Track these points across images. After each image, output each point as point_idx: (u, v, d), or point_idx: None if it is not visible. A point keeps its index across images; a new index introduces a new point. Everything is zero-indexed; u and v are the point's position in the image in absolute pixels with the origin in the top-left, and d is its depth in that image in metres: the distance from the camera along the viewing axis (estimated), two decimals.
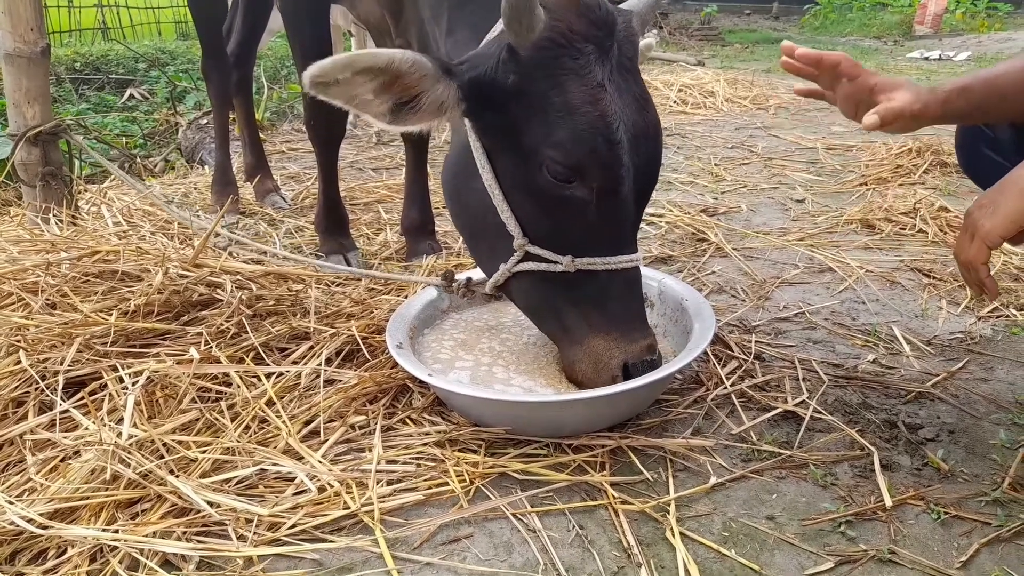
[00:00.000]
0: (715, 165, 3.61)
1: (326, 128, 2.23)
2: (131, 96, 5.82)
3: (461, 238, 2.54)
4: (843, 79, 1.39)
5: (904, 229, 2.62)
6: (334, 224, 2.37)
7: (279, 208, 3.00)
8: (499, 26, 1.37)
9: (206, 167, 3.78)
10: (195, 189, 3.33)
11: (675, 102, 5.02)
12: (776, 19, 12.77)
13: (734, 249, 2.50)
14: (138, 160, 4.14)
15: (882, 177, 3.22)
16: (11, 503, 1.20)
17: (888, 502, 1.28)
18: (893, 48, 9.02)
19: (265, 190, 3.07)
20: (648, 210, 2.93)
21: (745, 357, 1.79)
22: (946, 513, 1.27)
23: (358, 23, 3.10)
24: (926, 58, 7.76)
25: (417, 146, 2.37)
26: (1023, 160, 1.22)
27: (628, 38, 1.35)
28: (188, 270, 1.81)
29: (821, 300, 2.14)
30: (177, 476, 1.28)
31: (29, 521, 1.16)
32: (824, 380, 1.69)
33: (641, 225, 2.72)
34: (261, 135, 4.60)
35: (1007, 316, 2.01)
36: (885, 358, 1.82)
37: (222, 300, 1.76)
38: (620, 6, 1.40)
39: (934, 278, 2.25)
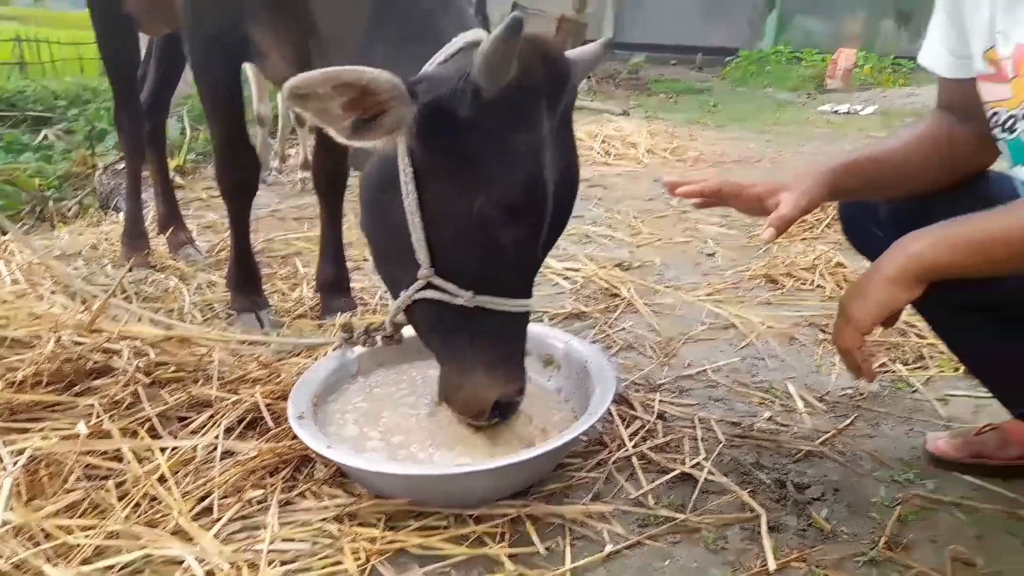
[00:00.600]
0: (633, 218, 3.72)
1: (238, 183, 2.21)
2: (46, 136, 5.63)
3: (377, 294, 2.57)
4: (730, 198, 1.47)
5: (804, 284, 2.76)
6: (246, 281, 2.34)
7: (193, 261, 2.94)
8: (452, 46, 1.43)
9: (121, 214, 3.68)
10: (106, 239, 3.23)
11: (599, 153, 5.17)
12: (700, 70, 13.35)
13: (645, 304, 2.58)
14: (51, 204, 4.01)
15: (788, 231, 3.38)
16: None
17: (772, 565, 1.33)
18: (807, 101, 9.54)
19: (179, 242, 3.01)
20: (567, 264, 3.01)
21: (648, 417, 1.84)
22: (825, 575, 1.33)
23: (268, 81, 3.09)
24: (836, 111, 8.23)
25: (331, 200, 2.37)
26: (901, 234, 1.30)
27: (572, 89, 1.42)
28: (83, 336, 1.75)
29: (724, 357, 2.22)
30: (55, 564, 1.22)
31: None
32: (721, 440, 1.75)
33: (557, 280, 2.82)
34: (181, 180, 4.53)
35: (893, 372, 2.13)
36: (780, 415, 1.90)
37: (118, 368, 1.71)
38: (568, 54, 1.46)
39: (829, 334, 2.36)
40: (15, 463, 1.39)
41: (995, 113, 1.32)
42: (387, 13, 1.60)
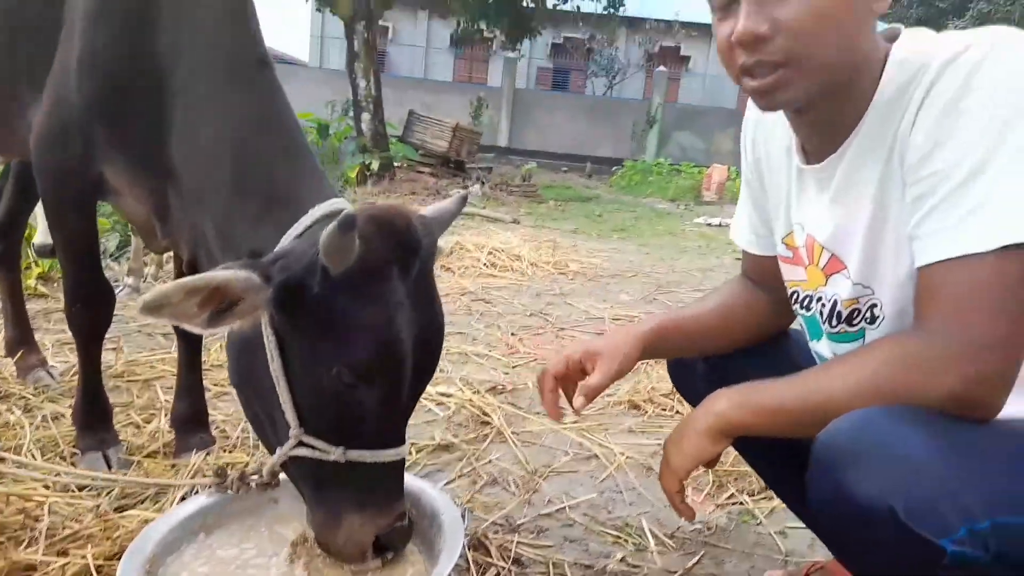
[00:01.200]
0: (512, 335, 3.82)
1: (89, 322, 2.13)
2: None
3: (239, 426, 2.49)
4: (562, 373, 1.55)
5: (665, 411, 2.89)
6: (94, 419, 2.21)
7: (43, 386, 2.76)
8: (309, 218, 1.47)
9: None
10: None
11: (485, 265, 5.32)
12: (589, 177, 14.14)
13: (514, 433, 2.63)
14: None
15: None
16: None
17: None
18: (684, 212, 10.26)
19: (28, 366, 2.83)
20: (441, 388, 3.04)
21: (504, 564, 1.84)
22: None
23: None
24: (709, 224, 8.87)
25: (190, 341, 2.30)
26: (715, 387, 1.41)
27: (429, 248, 1.46)
28: None
29: (584, 491, 2.27)
30: None
31: None
32: None
33: (431, 407, 2.83)
34: (44, 289, 4.30)
35: (741, 503, 2.25)
36: (632, 555, 1.96)
37: None
38: (425, 212, 1.51)
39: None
40: None
41: (794, 292, 1.49)
42: (247, 177, 1.65)
